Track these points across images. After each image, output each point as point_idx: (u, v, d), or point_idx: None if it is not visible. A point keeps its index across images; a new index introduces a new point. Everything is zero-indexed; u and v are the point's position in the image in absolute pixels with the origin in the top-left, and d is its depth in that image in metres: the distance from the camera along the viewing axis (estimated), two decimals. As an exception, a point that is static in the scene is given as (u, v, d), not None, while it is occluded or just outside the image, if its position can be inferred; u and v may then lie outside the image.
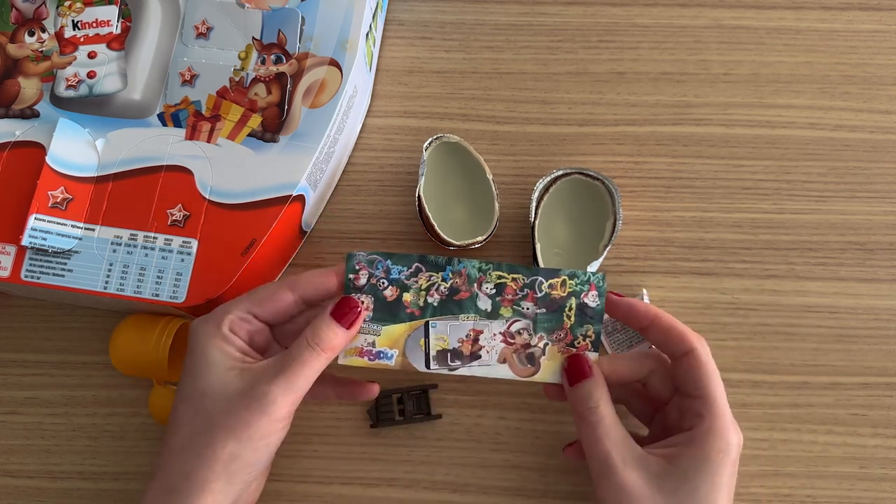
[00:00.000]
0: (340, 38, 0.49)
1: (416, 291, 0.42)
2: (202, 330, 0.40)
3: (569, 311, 0.42)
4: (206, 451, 0.37)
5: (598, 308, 0.42)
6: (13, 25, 0.50)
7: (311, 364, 0.38)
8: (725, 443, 0.38)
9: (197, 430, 0.37)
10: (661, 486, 0.37)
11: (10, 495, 0.49)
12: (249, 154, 0.47)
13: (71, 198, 0.46)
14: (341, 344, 0.40)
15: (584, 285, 0.42)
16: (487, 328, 0.42)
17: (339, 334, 0.40)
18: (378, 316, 0.42)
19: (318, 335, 0.39)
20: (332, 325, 0.40)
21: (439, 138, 0.51)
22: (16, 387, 0.51)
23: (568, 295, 0.42)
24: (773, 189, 0.53)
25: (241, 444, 0.37)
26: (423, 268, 0.42)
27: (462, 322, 0.42)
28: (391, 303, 0.42)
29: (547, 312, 0.42)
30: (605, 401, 0.40)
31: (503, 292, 0.42)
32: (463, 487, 0.48)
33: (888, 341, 0.50)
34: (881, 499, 0.48)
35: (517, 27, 0.56)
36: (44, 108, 0.48)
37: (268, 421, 0.37)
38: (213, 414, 0.37)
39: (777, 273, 0.51)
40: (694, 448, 0.38)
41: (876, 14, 0.56)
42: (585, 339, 0.42)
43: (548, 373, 0.42)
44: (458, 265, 0.42)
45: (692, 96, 0.55)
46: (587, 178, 0.50)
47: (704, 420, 0.39)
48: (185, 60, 0.49)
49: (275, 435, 0.38)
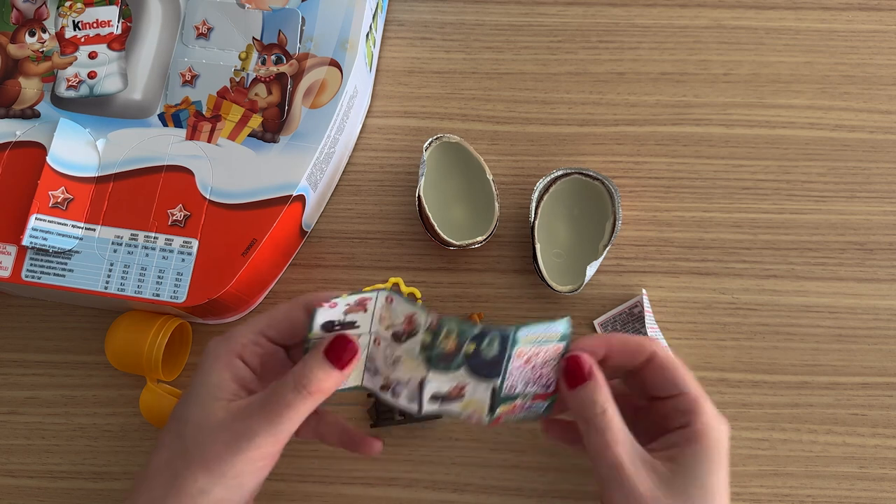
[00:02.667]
0: (340, 38, 0.49)
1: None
2: (213, 352, 0.38)
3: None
4: (177, 481, 0.35)
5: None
6: (14, 26, 0.50)
7: (295, 407, 0.36)
8: (718, 433, 0.38)
9: (174, 455, 0.36)
10: (671, 487, 0.37)
11: (10, 495, 0.49)
12: (250, 154, 0.47)
13: (72, 198, 0.46)
14: (332, 386, 0.37)
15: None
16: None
17: (332, 376, 0.37)
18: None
19: (305, 376, 0.36)
20: (325, 365, 0.37)
21: (439, 138, 0.51)
22: (16, 387, 0.51)
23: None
24: (773, 189, 0.53)
25: (212, 480, 0.35)
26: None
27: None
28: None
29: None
30: (611, 403, 0.38)
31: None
32: (463, 487, 0.48)
33: (888, 341, 0.50)
34: (881, 498, 0.48)
35: (517, 27, 0.57)
36: (44, 108, 0.49)
37: (243, 459, 0.35)
38: (189, 444, 0.36)
39: (777, 273, 0.51)
40: (693, 445, 0.38)
41: (876, 14, 0.56)
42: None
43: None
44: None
45: (692, 96, 0.55)
46: (587, 178, 0.50)
47: (693, 416, 0.38)
48: (185, 61, 0.49)
49: (249, 475, 0.36)
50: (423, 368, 0.39)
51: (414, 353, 0.39)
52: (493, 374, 0.40)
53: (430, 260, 0.52)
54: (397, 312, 0.39)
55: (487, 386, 0.40)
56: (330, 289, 0.51)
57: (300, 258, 0.52)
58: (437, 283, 0.52)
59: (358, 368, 0.40)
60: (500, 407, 0.40)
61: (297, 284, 0.52)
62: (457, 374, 0.39)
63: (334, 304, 0.38)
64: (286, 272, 0.52)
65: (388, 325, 0.40)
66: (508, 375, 0.40)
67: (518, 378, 0.40)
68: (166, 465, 0.36)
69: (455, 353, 0.39)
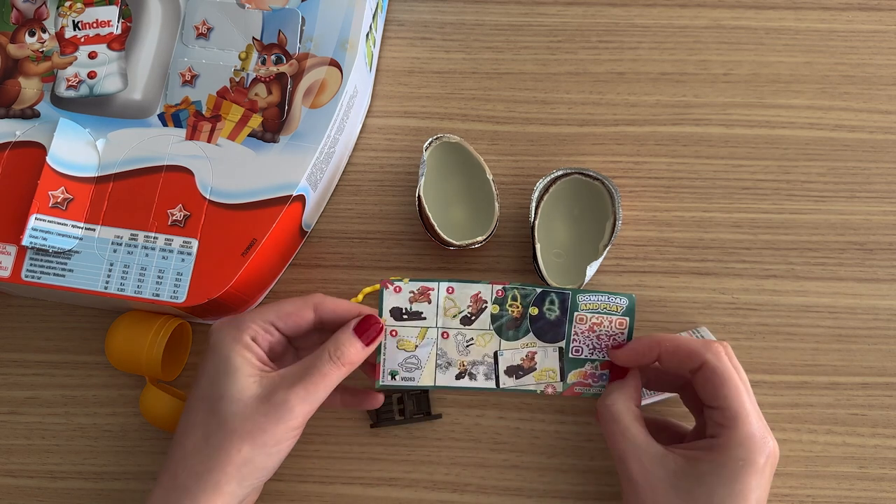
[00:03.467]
0: (340, 38, 0.49)
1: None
2: (226, 335, 0.41)
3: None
4: (219, 453, 0.38)
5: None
6: (14, 26, 0.50)
7: (330, 376, 0.40)
8: (747, 451, 0.38)
9: (211, 431, 0.38)
10: (676, 484, 0.38)
11: (10, 495, 0.49)
12: (250, 154, 0.47)
13: (71, 198, 0.46)
14: (359, 359, 0.41)
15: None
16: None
17: (359, 350, 0.41)
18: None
19: (339, 349, 0.40)
20: (354, 340, 0.41)
21: (439, 138, 0.51)
22: (16, 387, 0.51)
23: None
24: (773, 189, 0.53)
25: (255, 448, 0.38)
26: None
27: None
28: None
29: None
30: (625, 399, 0.41)
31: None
32: (463, 487, 0.48)
33: (887, 341, 0.50)
34: (880, 498, 0.48)
35: (517, 27, 0.57)
36: (44, 108, 0.49)
37: (284, 428, 0.38)
38: (229, 418, 0.38)
39: (776, 273, 0.51)
40: (713, 454, 0.38)
41: (876, 14, 0.56)
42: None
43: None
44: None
45: (692, 96, 0.55)
46: (587, 178, 0.50)
47: (724, 431, 0.38)
48: (185, 61, 0.49)
49: (287, 441, 0.40)
50: (496, 341, 0.44)
51: (485, 328, 0.44)
52: (559, 337, 0.44)
53: (430, 260, 0.52)
54: (462, 297, 0.44)
55: (555, 349, 0.44)
56: (330, 289, 0.51)
57: (300, 258, 0.52)
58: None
59: (429, 370, 0.44)
60: (570, 374, 0.44)
61: (297, 284, 0.52)
62: (525, 340, 0.44)
63: (399, 287, 0.44)
64: (286, 272, 0.52)
65: (455, 314, 0.44)
66: (573, 338, 0.44)
67: (583, 342, 0.44)
68: (203, 441, 0.38)
69: (521, 318, 0.44)
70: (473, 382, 0.44)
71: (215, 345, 0.41)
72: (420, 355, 0.44)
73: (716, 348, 0.40)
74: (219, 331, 0.41)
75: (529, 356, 0.44)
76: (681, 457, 0.39)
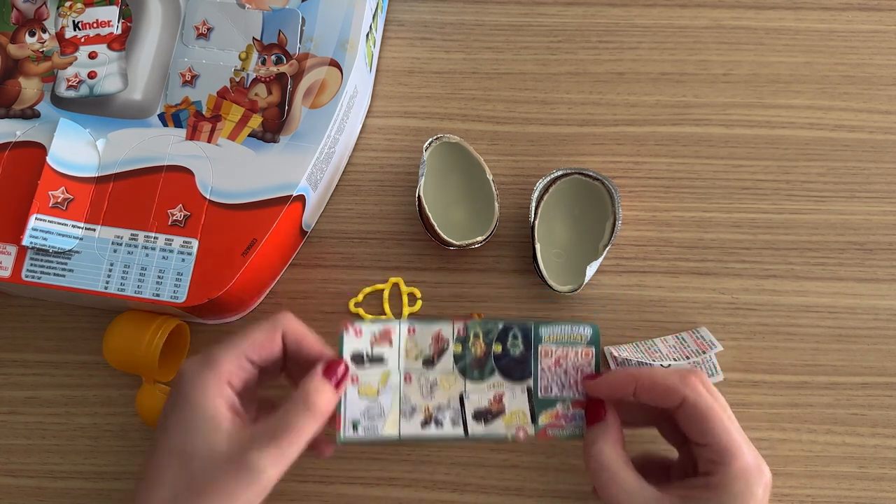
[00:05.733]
0: (340, 38, 0.49)
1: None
2: (197, 380, 0.37)
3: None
4: None
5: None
6: (14, 26, 0.50)
7: (307, 431, 0.37)
8: (745, 485, 0.37)
9: (180, 491, 0.36)
10: None
11: (10, 495, 0.49)
12: (250, 154, 0.47)
13: (72, 198, 0.46)
14: (331, 407, 0.39)
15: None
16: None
17: (331, 396, 0.39)
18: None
19: (310, 397, 0.38)
20: (324, 384, 0.38)
21: (439, 138, 0.51)
22: (16, 387, 0.51)
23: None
24: (773, 189, 0.53)
25: None
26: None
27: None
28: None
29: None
30: (610, 445, 0.39)
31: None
32: (463, 487, 0.48)
33: (887, 341, 0.50)
34: (880, 498, 0.48)
35: (517, 27, 0.57)
36: (44, 108, 0.49)
37: (256, 490, 0.36)
38: (199, 479, 0.36)
39: (776, 273, 0.51)
40: (710, 493, 0.37)
41: (875, 14, 0.56)
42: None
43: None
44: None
45: (692, 96, 0.55)
46: (587, 178, 0.50)
47: (718, 467, 0.37)
48: (185, 61, 0.49)
49: (257, 500, 0.37)
50: (460, 383, 0.42)
51: (448, 369, 0.42)
52: (525, 374, 0.42)
53: (430, 260, 0.52)
54: (423, 337, 0.42)
55: (523, 388, 0.42)
56: (330, 289, 0.51)
57: (300, 258, 0.52)
58: (438, 283, 0.52)
59: (393, 418, 0.42)
60: (541, 415, 0.42)
61: (297, 284, 0.52)
62: (492, 381, 0.42)
63: (360, 330, 0.41)
64: (286, 272, 0.52)
65: (417, 355, 0.42)
66: (540, 375, 0.42)
67: (551, 380, 0.42)
68: (172, 501, 0.36)
69: (485, 357, 0.42)
70: (440, 430, 0.42)
71: (186, 389, 0.37)
72: (383, 402, 0.42)
73: (692, 382, 0.39)
74: (192, 374, 0.38)
75: (497, 398, 0.42)
76: (677, 498, 0.38)
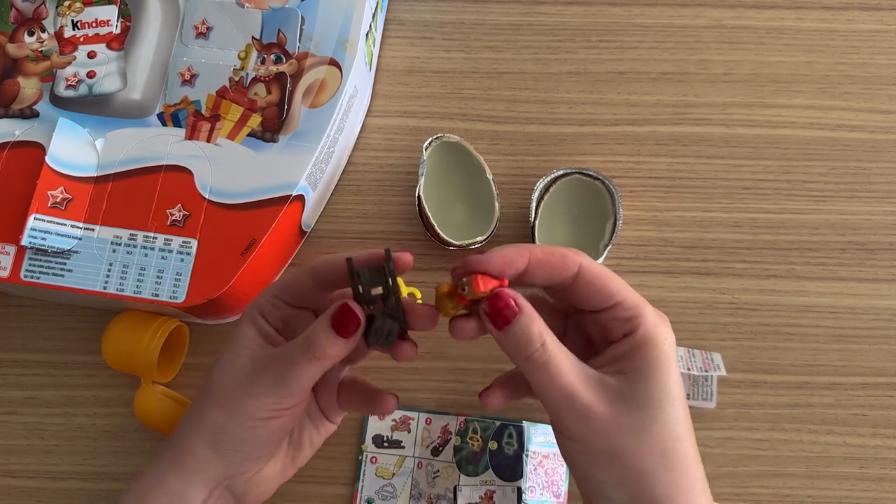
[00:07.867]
0: (340, 37, 0.49)
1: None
2: (245, 312, 0.40)
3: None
4: (199, 414, 0.39)
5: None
6: (13, 25, 0.50)
7: (301, 367, 0.37)
8: (663, 334, 0.36)
9: (201, 395, 0.39)
10: (627, 399, 0.35)
11: (10, 495, 0.49)
12: (249, 154, 0.47)
13: (70, 198, 0.46)
14: (337, 353, 0.37)
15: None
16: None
17: (337, 343, 0.37)
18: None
19: (312, 341, 0.37)
20: (329, 332, 0.37)
21: (439, 138, 0.51)
22: (16, 387, 0.51)
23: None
24: (773, 189, 0.53)
25: (228, 416, 0.37)
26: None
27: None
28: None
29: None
30: (548, 332, 0.36)
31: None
32: (463, 487, 0.48)
33: (888, 341, 0.50)
34: (881, 499, 0.48)
35: (517, 27, 0.56)
36: (43, 107, 0.48)
37: (254, 405, 0.37)
38: (214, 382, 0.39)
39: (777, 273, 0.51)
40: (642, 351, 0.35)
41: (876, 14, 0.56)
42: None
43: None
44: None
45: (692, 96, 0.55)
46: (587, 178, 0.50)
47: (636, 322, 0.36)
48: (184, 60, 0.49)
49: (262, 425, 0.37)
50: (456, 475, 0.44)
51: (449, 460, 0.45)
52: (517, 475, 0.44)
53: (430, 260, 0.52)
54: (435, 427, 0.45)
55: (513, 489, 0.43)
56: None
57: (300, 258, 0.52)
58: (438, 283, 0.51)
59: (404, 497, 0.45)
60: None
61: (296, 284, 0.52)
62: (485, 477, 0.44)
63: (382, 416, 0.46)
64: (286, 272, 0.52)
65: (428, 444, 0.45)
66: (528, 476, 0.44)
67: (536, 481, 0.44)
68: (192, 408, 0.39)
69: (481, 452, 0.44)
70: None
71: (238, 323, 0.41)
72: (396, 484, 0.45)
73: (580, 253, 0.37)
74: (245, 310, 0.41)
75: (488, 495, 0.43)
76: (612, 374, 0.36)
